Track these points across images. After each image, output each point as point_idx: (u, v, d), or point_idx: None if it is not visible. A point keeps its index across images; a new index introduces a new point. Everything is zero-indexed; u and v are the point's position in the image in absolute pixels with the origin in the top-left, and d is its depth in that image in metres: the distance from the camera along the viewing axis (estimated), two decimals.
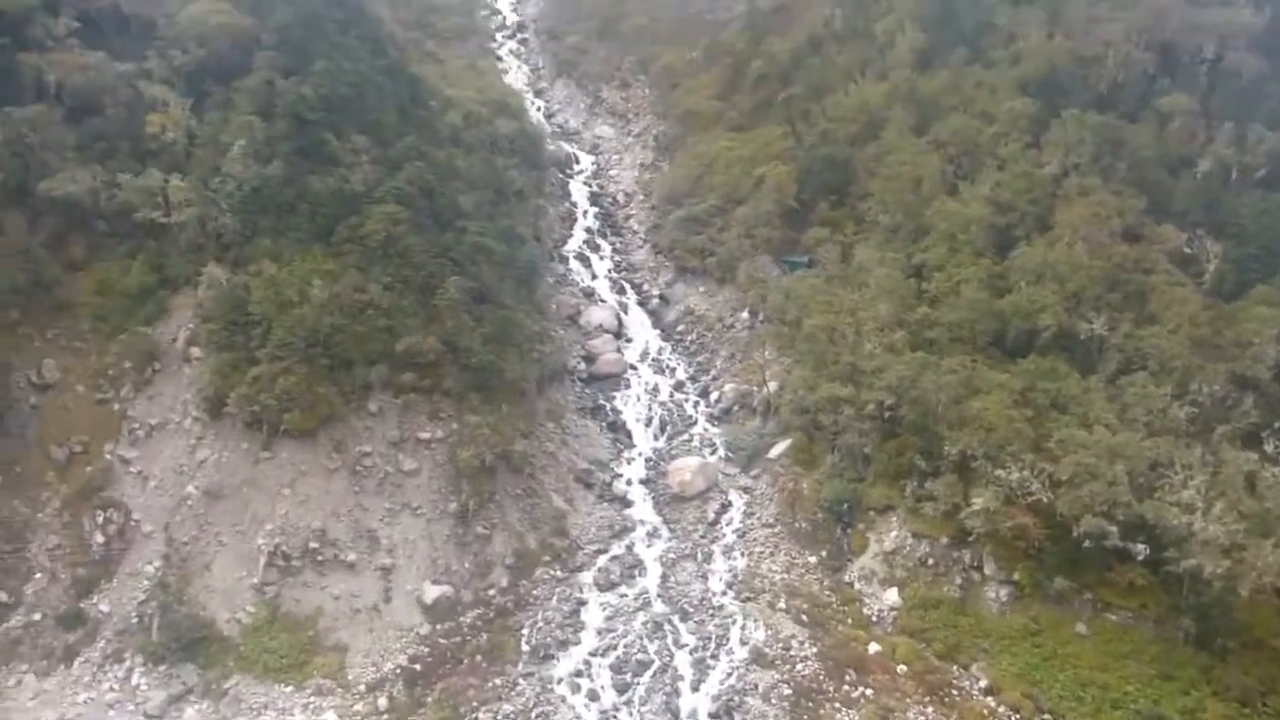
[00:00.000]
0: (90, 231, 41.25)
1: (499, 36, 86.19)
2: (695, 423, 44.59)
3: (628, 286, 55.22)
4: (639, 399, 46.35)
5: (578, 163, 67.75)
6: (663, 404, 46.10)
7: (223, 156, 41.60)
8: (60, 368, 39.30)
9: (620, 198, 64.46)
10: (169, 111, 42.73)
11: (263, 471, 37.61)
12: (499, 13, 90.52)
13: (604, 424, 44.29)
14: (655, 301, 54.00)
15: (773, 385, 42.30)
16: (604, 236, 59.58)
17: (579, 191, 63.88)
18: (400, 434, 38.85)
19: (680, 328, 51.64)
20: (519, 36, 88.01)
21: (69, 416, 38.65)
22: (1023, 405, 35.88)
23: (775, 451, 40.15)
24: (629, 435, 44.35)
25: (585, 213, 61.50)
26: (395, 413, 39.15)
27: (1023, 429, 34.54)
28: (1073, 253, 40.75)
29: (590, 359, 48.08)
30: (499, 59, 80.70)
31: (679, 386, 47.55)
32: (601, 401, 45.78)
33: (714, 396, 46.09)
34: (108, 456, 37.90)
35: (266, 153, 41.55)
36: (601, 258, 57.55)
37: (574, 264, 56.22)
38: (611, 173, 67.87)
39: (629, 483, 41.74)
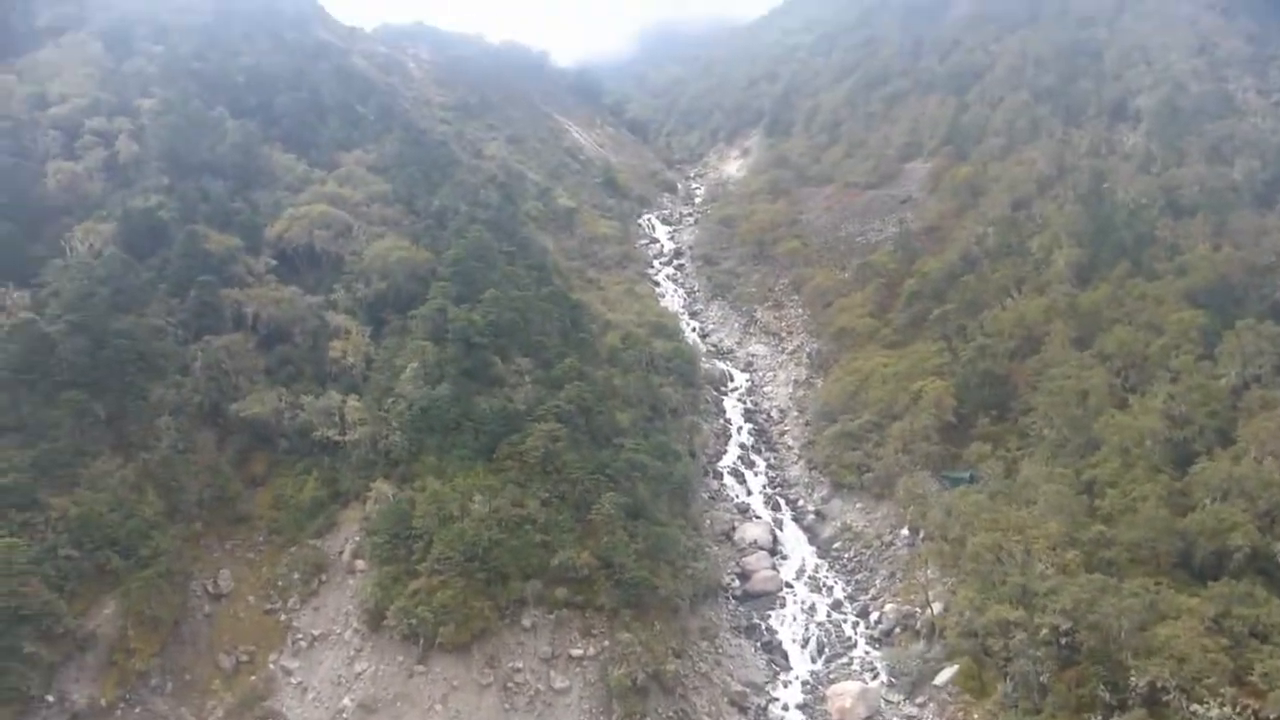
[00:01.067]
0: (273, 449, 63.55)
1: (656, 263, 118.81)
2: (854, 645, 58.24)
3: (782, 502, 72.32)
4: (795, 618, 60.63)
5: (732, 380, 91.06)
6: (820, 624, 60.15)
7: (396, 379, 64.20)
8: (235, 578, 59.27)
9: (774, 414, 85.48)
10: (350, 338, 66.97)
11: (416, 686, 54.23)
12: (657, 240, 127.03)
13: (759, 644, 58.99)
14: (811, 518, 70.08)
15: (937, 606, 56.37)
16: (758, 452, 78.86)
17: (733, 408, 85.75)
18: (552, 650, 55.06)
19: (837, 545, 67.05)
20: (675, 263, 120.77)
21: (239, 625, 57.71)
22: (1217, 633, 45.60)
23: (941, 678, 52.72)
24: (785, 656, 57.90)
25: (739, 429, 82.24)
26: (548, 628, 55.74)
27: (1220, 660, 43.99)
28: (1262, 469, 53.92)
29: (744, 576, 63.79)
30: (656, 284, 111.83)
31: (836, 606, 61.48)
32: (756, 620, 60.54)
33: (874, 617, 59.80)
34: (271, 666, 55.88)
35: (436, 374, 63.87)
36: (756, 473, 75.91)
37: (728, 480, 74.70)
38: (765, 389, 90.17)
39: (785, 708, 53.86)
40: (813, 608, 62.14)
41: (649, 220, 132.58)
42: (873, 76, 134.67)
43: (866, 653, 58.08)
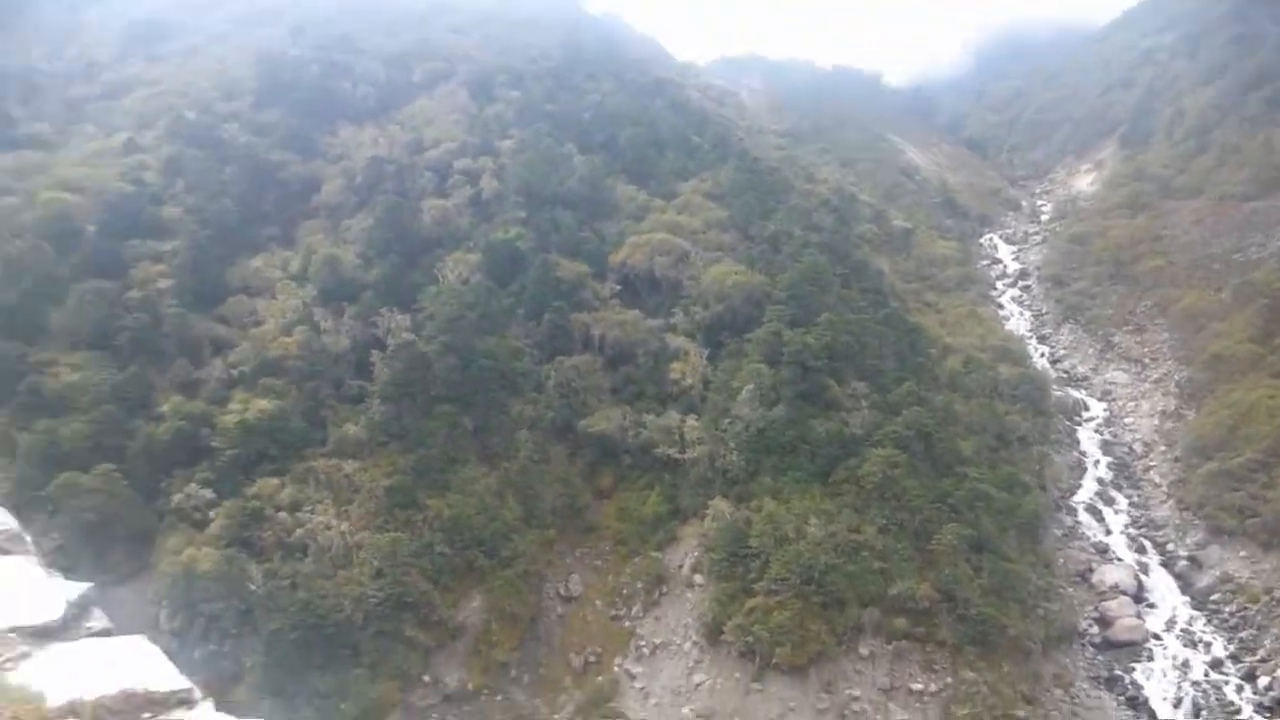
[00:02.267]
0: (618, 464, 73.74)
1: (1000, 284, 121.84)
2: (1239, 711, 56.52)
3: (1148, 545, 71.45)
4: (1165, 674, 59.94)
5: (1086, 409, 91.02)
6: (1195, 684, 58.83)
7: (733, 400, 71.98)
8: (584, 583, 69.49)
9: (1137, 447, 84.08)
10: (689, 360, 75.94)
11: (752, 703, 60.68)
12: (1000, 261, 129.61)
13: (1121, 698, 58.69)
14: (1183, 564, 68.57)
15: None
16: (1118, 489, 78.34)
17: (1088, 439, 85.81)
18: (890, 682, 59.22)
19: (1215, 597, 65.00)
20: (1020, 284, 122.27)
21: (587, 628, 67.64)
22: None
23: None
24: (1152, 716, 57.94)
25: (1096, 462, 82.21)
26: (886, 659, 60.03)
27: None
28: None
29: (1104, 622, 64.04)
30: (1000, 306, 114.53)
31: (1216, 665, 59.88)
32: (1118, 672, 60.52)
33: (1263, 682, 57.29)
34: (616, 669, 64.97)
35: (772, 397, 70.80)
36: (1116, 511, 75.66)
37: (1084, 517, 75.15)
38: (1126, 420, 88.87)
39: None
40: (1186, 664, 60.80)
41: (990, 240, 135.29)
42: (1247, 77, 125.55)
43: None
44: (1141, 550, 71.83)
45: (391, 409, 72.10)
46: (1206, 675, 60.56)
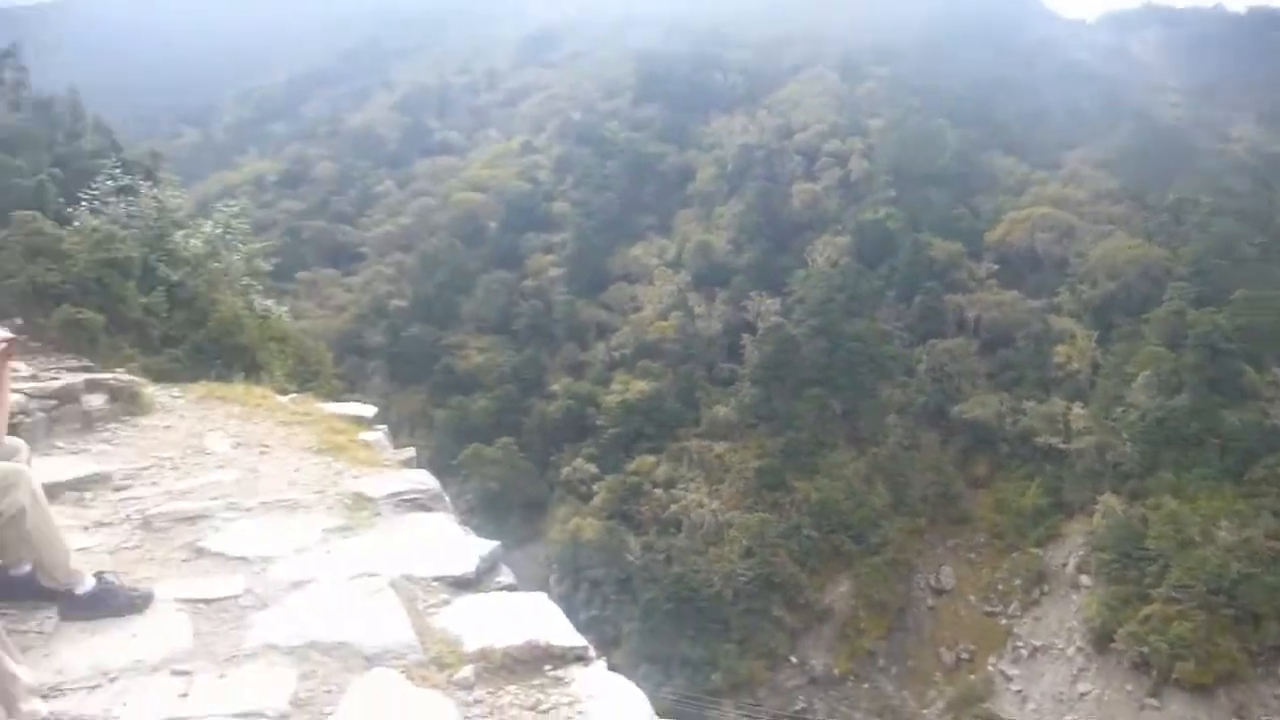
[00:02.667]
0: (993, 452, 71.68)
1: None
2: None
3: None
4: None
5: None
6: None
7: (1126, 386, 67.33)
8: (956, 575, 68.57)
9: None
10: (1075, 342, 71.97)
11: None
12: None
13: None
14: None
15: None
16: None
17: None
18: None
19: None
20: None
21: (959, 623, 66.68)
22: None
23: None
24: None
25: None
26: None
27: None
28: None
29: None
30: None
31: None
32: None
33: None
34: (990, 669, 63.52)
35: (1173, 383, 65.33)
36: None
37: None
38: None
39: None
40: None
41: None
42: None
43: None
44: None
45: (761, 391, 75.10)
46: None
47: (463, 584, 4.82)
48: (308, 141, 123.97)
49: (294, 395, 10.76)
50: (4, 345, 4.26)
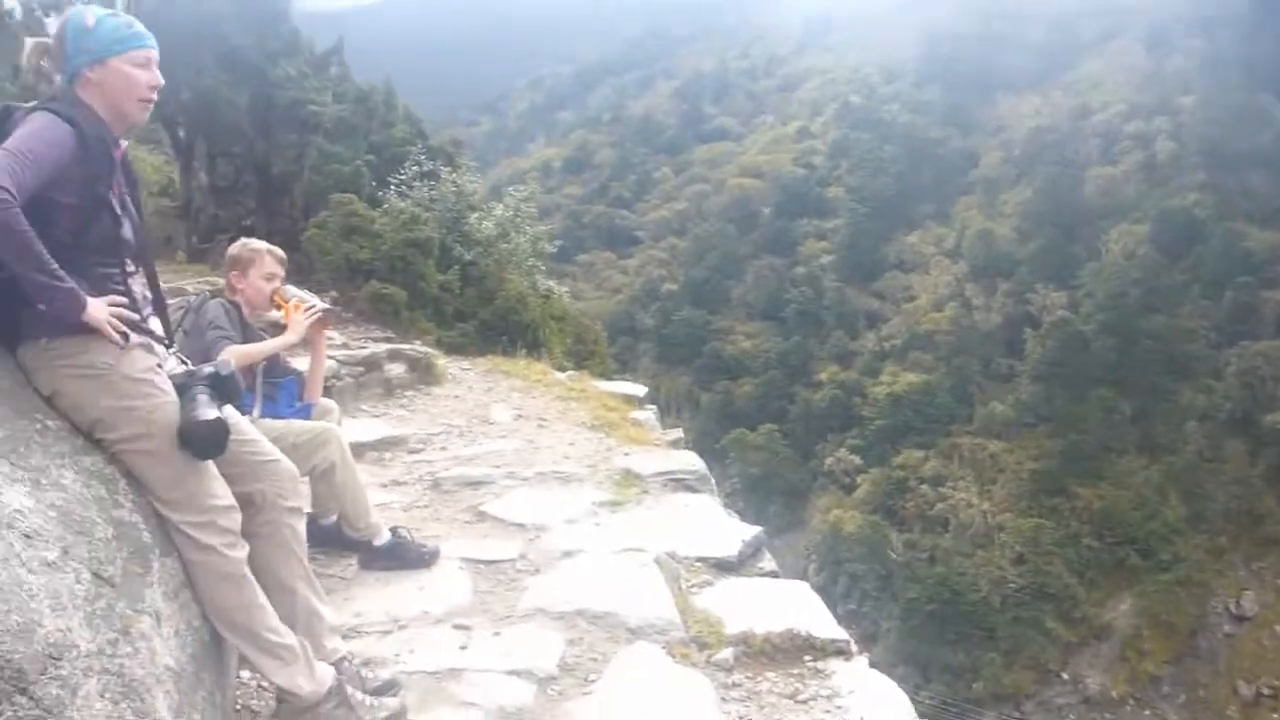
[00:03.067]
0: None
1: None
2: None
3: None
4: None
5: None
6: None
7: None
8: (1260, 603, 61.98)
9: None
10: None
11: None
12: None
13: None
14: None
15: None
16: None
17: None
18: None
19: None
20: None
21: (1262, 655, 60.12)
22: None
23: None
24: None
25: None
26: None
27: None
28: None
29: None
30: None
31: None
32: None
33: None
34: None
35: None
36: None
37: None
38: None
39: None
40: None
41: None
42: None
43: None
44: None
45: (1041, 389, 71.02)
46: None
47: (725, 566, 4.87)
48: (591, 128, 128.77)
49: (571, 372, 11.29)
50: (321, 314, 4.71)
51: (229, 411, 3.10)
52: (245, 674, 3.47)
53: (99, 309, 2.86)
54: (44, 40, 3.08)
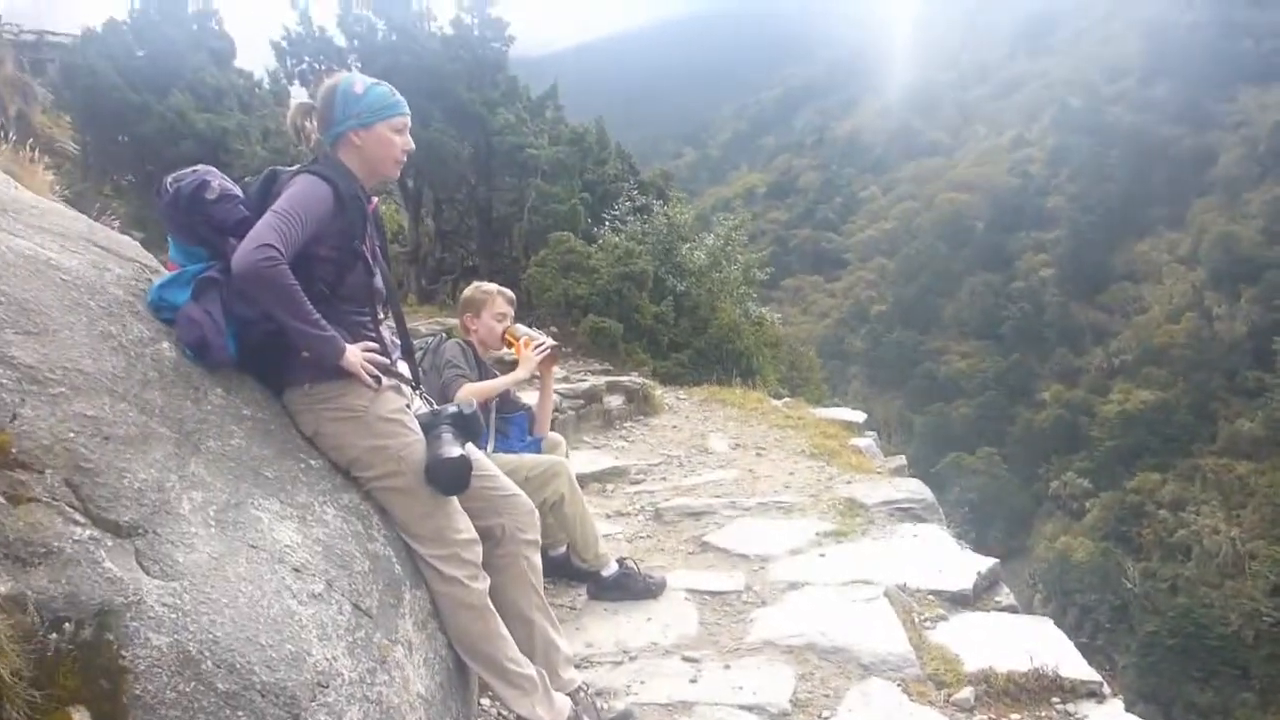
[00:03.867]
0: None
1: None
2: None
3: None
4: None
5: None
6: None
7: None
8: None
9: None
10: None
11: None
12: None
13: None
14: None
15: None
16: None
17: None
18: None
19: None
20: None
21: None
22: None
23: None
24: None
25: None
26: None
27: None
28: None
29: None
30: None
31: None
32: None
33: None
34: None
35: None
36: None
37: None
38: None
39: None
40: None
41: None
42: None
43: None
44: None
45: None
46: None
47: (960, 600, 4.66)
48: (795, 152, 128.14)
49: (786, 399, 11.16)
50: (549, 350, 4.86)
51: (470, 449, 3.23)
52: (485, 702, 3.58)
53: (355, 354, 3.05)
54: (309, 103, 3.30)
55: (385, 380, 3.14)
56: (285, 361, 3.11)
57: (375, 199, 3.41)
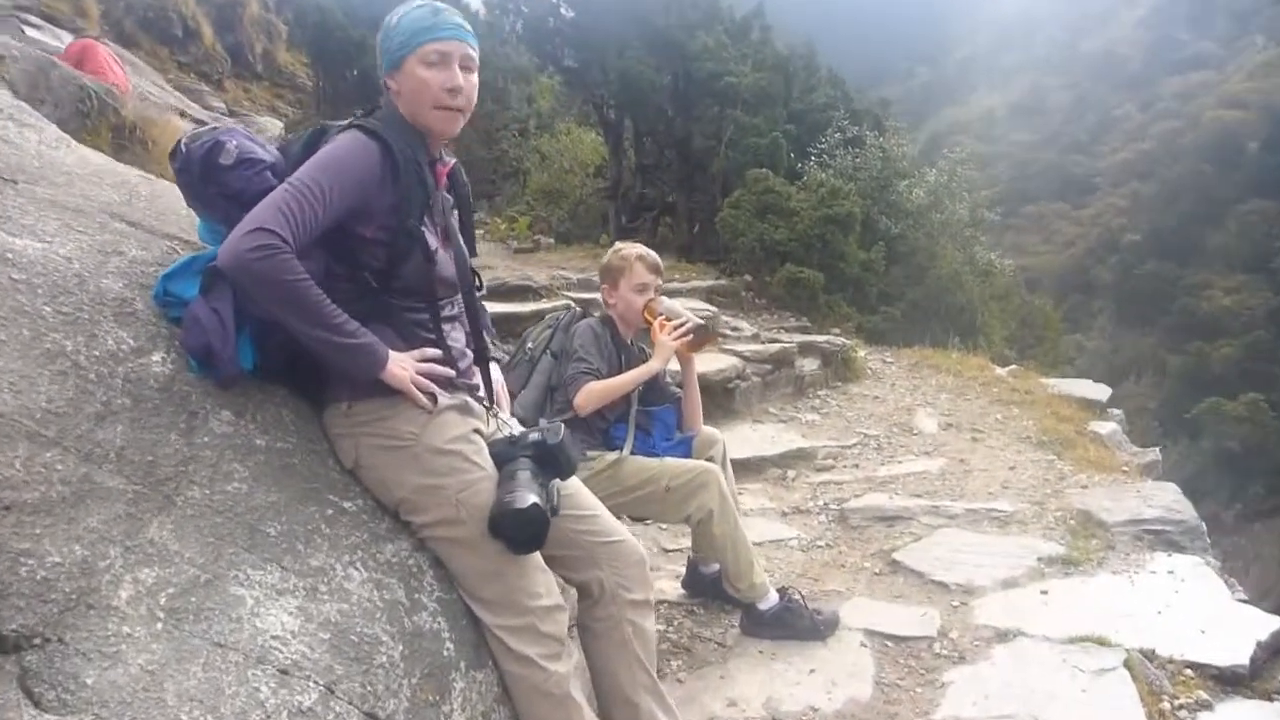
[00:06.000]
0: None
1: None
2: None
3: None
4: None
5: None
6: None
7: None
8: None
9: None
10: None
11: None
12: None
13: None
14: None
15: None
16: None
17: None
18: None
19: None
20: None
21: None
22: None
23: None
24: None
25: None
26: None
27: None
28: None
29: None
30: None
31: None
32: None
33: None
34: None
35: None
36: None
37: None
38: None
39: None
40: None
41: None
42: None
43: None
44: None
45: None
46: None
47: (1230, 679, 3.57)
48: (1042, 70, 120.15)
49: (1013, 367, 9.83)
50: (693, 332, 4.01)
51: (556, 483, 2.50)
52: None
53: (402, 365, 2.39)
54: None
55: (443, 398, 2.47)
56: (320, 373, 2.50)
57: (451, 161, 2.69)
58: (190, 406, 2.30)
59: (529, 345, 4.19)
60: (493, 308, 7.88)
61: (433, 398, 2.43)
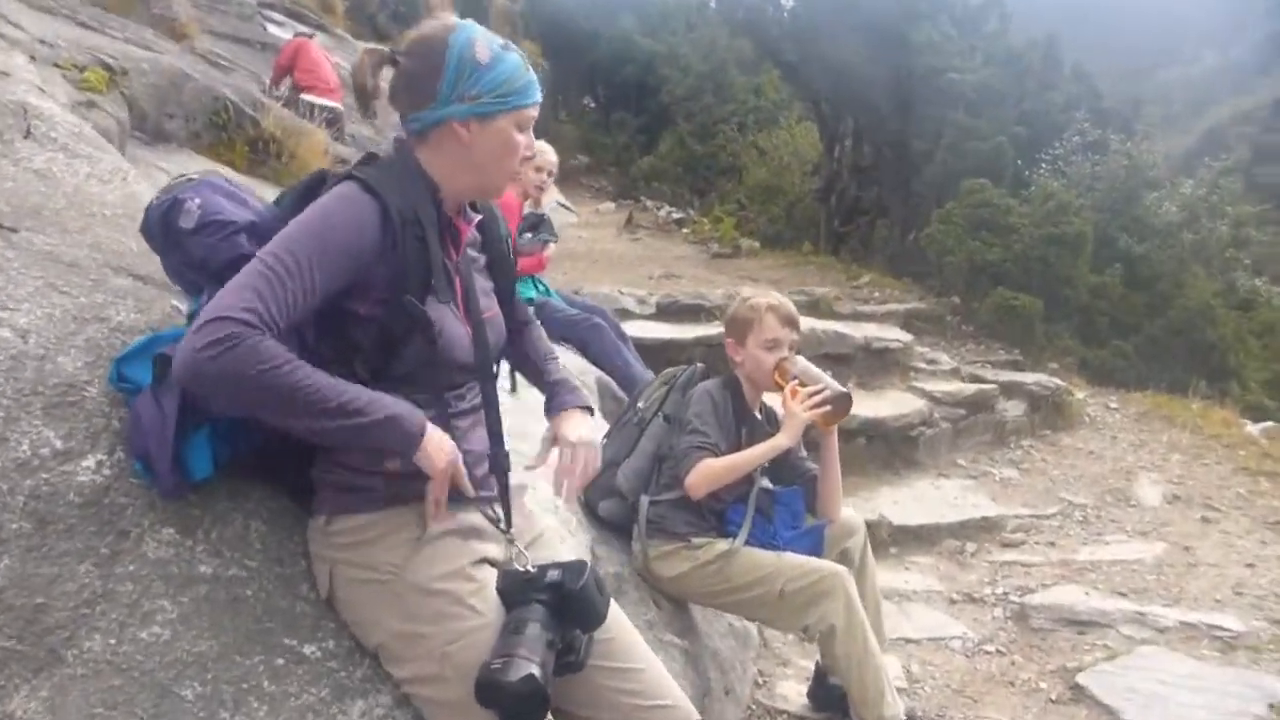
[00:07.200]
0: None
1: None
2: None
3: None
4: None
5: None
6: None
7: None
8: None
9: None
10: None
11: None
12: None
13: None
14: None
15: None
16: None
17: None
18: None
19: None
20: None
21: None
22: None
23: None
24: None
25: None
26: None
27: None
28: None
29: None
30: None
31: None
32: None
33: None
34: None
35: None
36: None
37: None
38: None
39: None
40: None
41: None
42: None
43: None
44: None
45: None
46: None
47: None
48: None
49: (1269, 425, 8.41)
50: (831, 402, 3.35)
51: (613, 618, 2.06)
52: None
53: (442, 447, 1.90)
54: (385, 52, 2.06)
55: (437, 524, 2.00)
56: (301, 476, 2.08)
57: (477, 217, 2.18)
58: (121, 524, 1.91)
59: (639, 404, 3.71)
60: (654, 331, 7.44)
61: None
